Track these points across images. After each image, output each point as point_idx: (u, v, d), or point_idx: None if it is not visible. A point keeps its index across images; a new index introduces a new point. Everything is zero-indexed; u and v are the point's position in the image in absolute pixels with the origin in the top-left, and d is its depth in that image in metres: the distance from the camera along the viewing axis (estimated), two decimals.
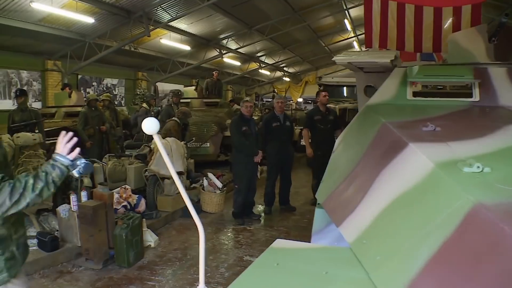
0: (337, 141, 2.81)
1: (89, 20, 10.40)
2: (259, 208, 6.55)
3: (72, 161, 1.91)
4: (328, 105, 7.12)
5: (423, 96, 3.08)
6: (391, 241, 1.43)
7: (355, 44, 24.22)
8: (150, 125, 1.44)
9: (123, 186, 5.70)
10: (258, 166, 6.34)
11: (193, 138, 8.01)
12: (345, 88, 12.34)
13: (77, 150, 1.96)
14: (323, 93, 6.96)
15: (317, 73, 31.99)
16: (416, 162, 1.67)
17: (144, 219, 4.75)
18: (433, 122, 2.23)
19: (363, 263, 1.41)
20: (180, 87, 20.04)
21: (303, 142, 9.78)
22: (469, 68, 2.88)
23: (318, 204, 2.30)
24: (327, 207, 2.06)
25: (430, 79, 2.82)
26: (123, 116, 10.00)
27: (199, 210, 6.42)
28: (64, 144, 1.92)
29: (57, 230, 4.57)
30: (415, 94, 3.01)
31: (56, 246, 4.14)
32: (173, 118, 7.53)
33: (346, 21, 17.51)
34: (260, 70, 25.59)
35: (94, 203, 4.10)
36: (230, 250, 4.77)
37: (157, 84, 17.18)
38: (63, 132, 1.96)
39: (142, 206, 5.59)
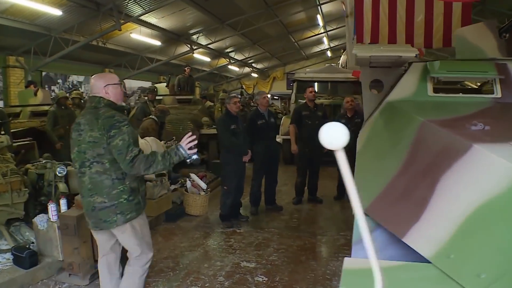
0: (358, 141, 2.60)
1: (57, 12, 9.69)
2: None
3: (188, 155, 2.69)
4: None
5: (440, 92, 2.93)
6: (490, 255, 1.23)
7: (325, 40, 24.36)
8: (336, 135, 0.84)
9: None
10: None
11: (174, 137, 7.62)
12: (316, 83, 12.25)
13: (195, 150, 2.73)
14: (310, 89, 6.79)
15: (285, 69, 32.08)
16: (493, 166, 1.47)
17: None
18: (473, 120, 2.06)
19: (461, 280, 1.21)
20: (148, 84, 19.45)
21: (278, 139, 9.67)
22: (491, 63, 2.75)
23: None
24: (374, 215, 1.84)
25: (453, 75, 2.67)
26: None
27: (182, 213, 6.09)
28: (187, 141, 2.70)
29: (32, 243, 4.13)
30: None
31: (35, 262, 3.70)
32: (151, 116, 7.12)
33: (318, 16, 17.51)
34: (229, 66, 25.26)
35: (77, 212, 3.70)
36: (225, 256, 4.48)
37: (124, 81, 16.50)
38: (189, 133, 2.75)
39: None
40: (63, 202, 3.97)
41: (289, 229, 5.52)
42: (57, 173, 5.09)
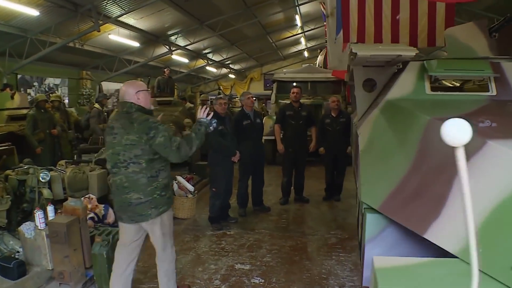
0: (360, 140, 2.60)
1: (33, 12, 9.34)
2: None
3: (209, 120, 3.18)
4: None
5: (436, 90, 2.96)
6: None
7: (302, 40, 24.54)
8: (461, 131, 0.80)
9: (86, 196, 5.12)
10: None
11: None
12: (294, 84, 12.28)
13: (211, 114, 3.24)
14: (294, 89, 6.79)
15: (262, 69, 32.13)
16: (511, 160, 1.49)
17: None
18: (476, 117, 2.10)
19: (493, 274, 1.22)
20: None
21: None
22: (486, 62, 2.81)
23: (367, 208, 2.08)
24: (388, 212, 1.84)
25: (451, 73, 2.71)
26: (73, 118, 9.15)
27: None
28: (203, 112, 3.20)
29: (18, 252, 3.96)
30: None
31: (24, 272, 3.55)
32: None
33: (297, 17, 17.60)
34: (207, 68, 25.10)
35: (66, 219, 3.57)
36: (218, 259, 4.42)
37: (102, 83, 16.14)
38: (205, 106, 3.29)
39: (111, 217, 5.04)
40: (50, 208, 3.82)
41: (279, 230, 5.50)
42: (41, 178, 4.91)
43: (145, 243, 3.37)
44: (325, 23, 11.78)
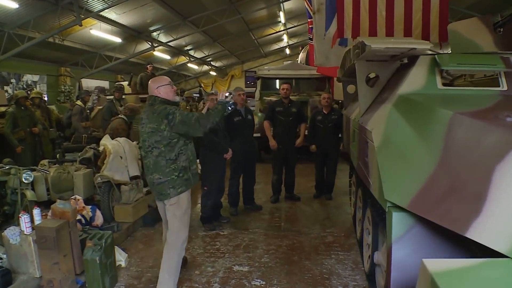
0: (374, 135, 2.49)
1: (12, 5, 8.86)
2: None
3: (226, 101, 3.47)
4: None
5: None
6: None
7: (285, 37, 24.46)
8: None
9: (73, 197, 4.87)
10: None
11: None
12: (277, 80, 12.19)
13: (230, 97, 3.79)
14: (284, 86, 6.67)
15: (243, 66, 31.99)
16: None
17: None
18: (497, 112, 2.02)
19: None
20: (106, 83, 18.59)
21: None
22: (497, 57, 2.74)
23: (391, 207, 1.97)
24: (420, 211, 1.74)
25: (463, 68, 2.63)
26: (54, 115, 8.78)
27: (159, 217, 5.75)
28: (221, 94, 3.60)
29: (1, 259, 3.70)
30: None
31: (9, 281, 3.30)
32: (119, 116, 6.71)
33: (281, 13, 17.49)
34: (188, 64, 24.74)
35: (55, 222, 3.34)
36: (215, 261, 4.25)
37: (81, 80, 15.63)
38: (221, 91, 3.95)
39: (99, 219, 4.82)
40: (36, 212, 3.57)
41: (274, 229, 5.37)
42: (23, 179, 4.64)
43: (137, 247, 3.18)
44: (309, 20, 11.70)
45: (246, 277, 3.85)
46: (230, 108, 3.59)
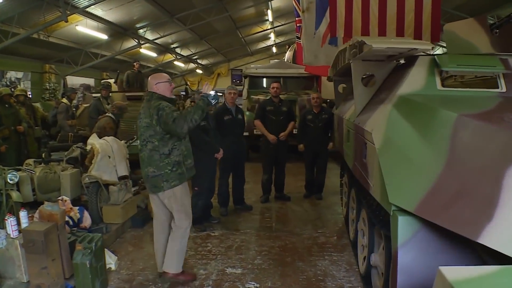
0: (374, 135, 2.45)
1: None
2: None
3: (207, 95, 3.45)
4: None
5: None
6: None
7: (272, 35, 24.43)
8: None
9: (59, 198, 4.73)
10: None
11: (135, 136, 7.08)
12: (264, 79, 12.15)
13: (213, 92, 3.50)
14: (274, 84, 6.62)
15: (229, 65, 31.88)
16: None
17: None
18: (503, 114, 2.00)
19: None
20: (91, 81, 18.26)
21: None
22: (496, 58, 2.74)
23: (397, 210, 1.94)
24: (427, 215, 1.71)
25: (463, 69, 2.61)
26: (39, 113, 8.55)
27: (148, 218, 5.66)
28: (206, 88, 3.56)
29: None
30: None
31: None
32: (107, 114, 6.56)
33: (269, 11, 17.43)
34: (174, 62, 24.50)
35: (43, 225, 3.22)
36: (207, 263, 4.18)
37: (66, 77, 15.28)
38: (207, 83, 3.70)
39: (87, 220, 4.70)
40: (23, 214, 3.45)
41: (265, 229, 5.32)
42: (8, 180, 4.49)
43: (126, 249, 3.09)
44: (297, 19, 11.67)
45: (239, 279, 3.79)
46: (213, 102, 3.50)
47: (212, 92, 3.49)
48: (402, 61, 3.35)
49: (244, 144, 6.28)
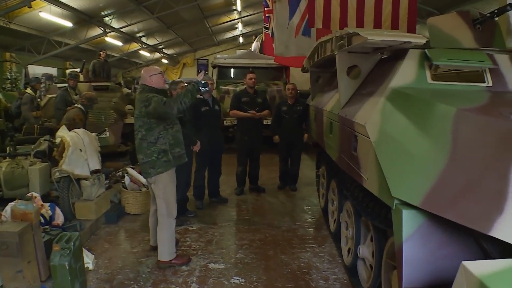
0: (368, 129, 2.44)
1: None
2: None
3: (197, 81, 3.65)
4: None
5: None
6: None
7: (240, 25, 24.18)
8: None
9: (29, 194, 4.47)
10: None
11: (106, 128, 6.81)
12: (231, 69, 12.04)
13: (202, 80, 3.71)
14: (250, 75, 6.53)
15: (195, 55, 31.42)
16: None
17: None
18: (497, 108, 2.04)
19: None
20: (53, 70, 17.39)
21: None
22: (483, 53, 2.79)
23: (400, 204, 1.93)
24: (436, 209, 1.72)
25: (454, 63, 2.64)
26: (2, 104, 8.03)
27: (122, 213, 5.47)
28: (199, 75, 3.79)
29: None
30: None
31: None
32: (76, 105, 6.24)
33: (238, 1, 17.19)
34: (140, 52, 23.81)
35: (17, 226, 3.02)
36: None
37: (28, 67, 14.44)
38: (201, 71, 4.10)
39: (59, 218, 4.47)
40: None
41: (243, 222, 5.27)
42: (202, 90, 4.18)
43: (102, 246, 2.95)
44: (266, 9, 11.58)
45: (223, 275, 3.73)
46: (202, 89, 3.67)
47: (204, 81, 3.67)
48: (386, 54, 3.35)
49: (221, 136, 6.18)
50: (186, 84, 5.36)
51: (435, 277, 1.84)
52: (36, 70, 15.52)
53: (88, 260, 3.76)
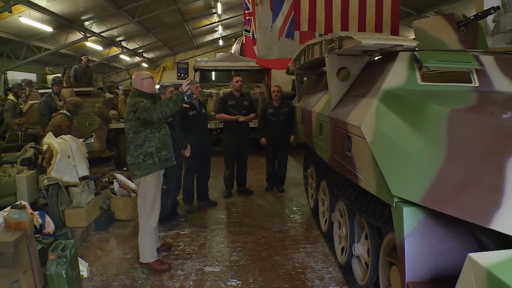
0: (363, 129, 2.52)
1: None
2: None
3: (182, 92, 3.60)
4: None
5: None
6: None
7: (220, 28, 24.18)
8: None
9: (17, 203, 4.37)
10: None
11: (93, 134, 6.73)
12: (213, 72, 12.06)
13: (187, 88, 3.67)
14: (236, 78, 6.56)
15: (175, 58, 31.27)
16: None
17: None
18: (488, 108, 2.14)
19: None
20: (33, 76, 17.01)
21: None
22: (470, 55, 2.90)
23: (400, 202, 2.01)
24: (436, 205, 1.81)
25: (443, 65, 2.74)
26: None
27: (112, 219, 5.42)
28: (185, 84, 3.67)
29: None
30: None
31: None
32: (61, 111, 6.15)
33: (218, 4, 17.21)
34: (120, 56, 23.54)
35: (11, 235, 2.97)
36: (183, 263, 4.07)
37: (7, 73, 14.07)
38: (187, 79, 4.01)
39: (50, 226, 4.41)
40: None
41: (234, 225, 5.30)
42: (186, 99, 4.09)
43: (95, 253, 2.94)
44: (246, 12, 11.64)
45: (220, 278, 3.75)
46: (187, 99, 3.65)
47: (189, 92, 3.65)
48: (375, 57, 3.45)
49: (209, 139, 6.20)
50: (173, 89, 5.38)
51: (436, 270, 1.93)
52: (15, 76, 15.18)
53: (83, 267, 3.73)
